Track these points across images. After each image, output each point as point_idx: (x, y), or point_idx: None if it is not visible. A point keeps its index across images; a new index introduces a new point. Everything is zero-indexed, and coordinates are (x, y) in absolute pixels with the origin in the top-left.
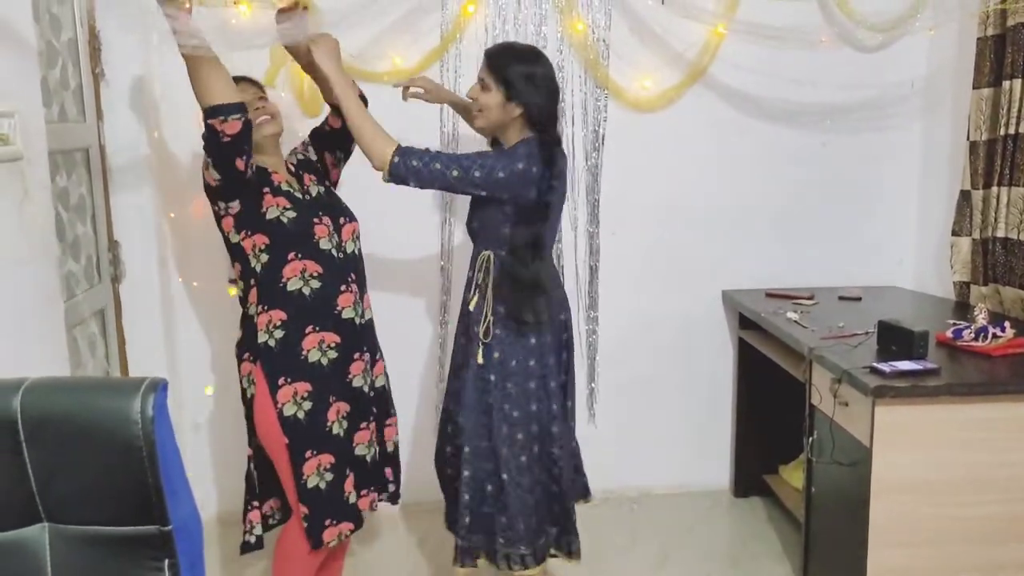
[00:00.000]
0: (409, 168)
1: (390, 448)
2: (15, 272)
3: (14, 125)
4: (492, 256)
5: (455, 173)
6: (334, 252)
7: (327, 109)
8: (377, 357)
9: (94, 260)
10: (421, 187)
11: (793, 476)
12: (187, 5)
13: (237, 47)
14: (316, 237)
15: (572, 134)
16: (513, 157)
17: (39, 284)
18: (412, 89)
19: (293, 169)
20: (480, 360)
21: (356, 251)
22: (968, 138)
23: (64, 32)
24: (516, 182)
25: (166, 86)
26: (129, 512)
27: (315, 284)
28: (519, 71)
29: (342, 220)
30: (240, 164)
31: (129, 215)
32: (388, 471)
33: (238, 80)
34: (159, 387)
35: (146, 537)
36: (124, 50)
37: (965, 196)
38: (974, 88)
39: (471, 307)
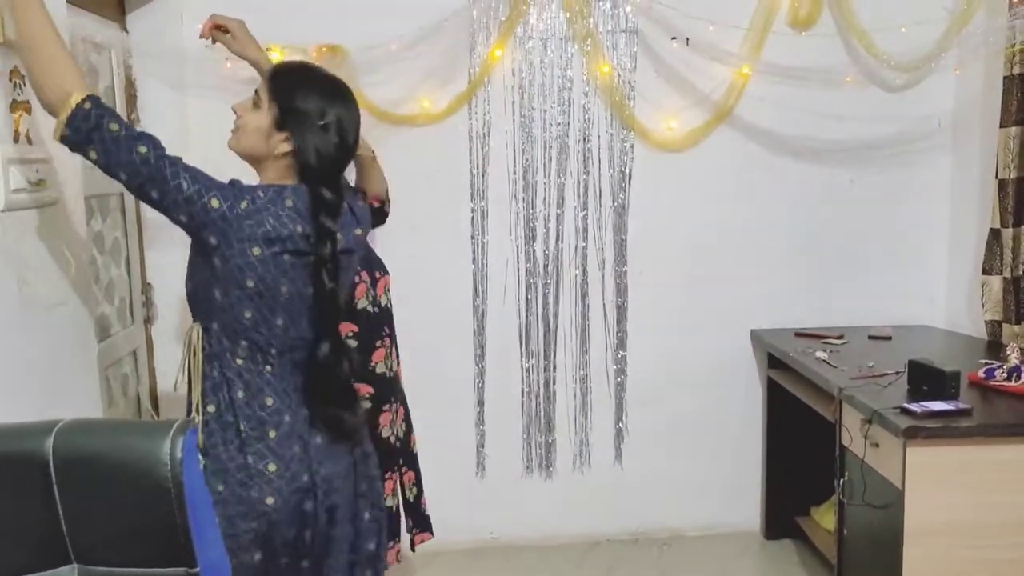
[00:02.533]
0: (103, 129)
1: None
2: (51, 314)
3: (51, 171)
4: (200, 331)
5: (170, 172)
6: (370, 309)
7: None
8: (399, 405)
9: (127, 302)
10: (102, 166)
11: (825, 518)
12: None
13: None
14: (355, 299)
15: (599, 174)
16: (244, 193)
17: (74, 326)
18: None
19: None
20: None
21: (389, 304)
22: (996, 176)
23: (101, 80)
24: (232, 225)
25: (200, 133)
26: (157, 554)
27: (351, 343)
28: (308, 102)
29: (378, 275)
30: None
31: (161, 258)
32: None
33: None
34: (188, 429)
35: None
36: (159, 98)
37: (995, 234)
38: (1001, 126)
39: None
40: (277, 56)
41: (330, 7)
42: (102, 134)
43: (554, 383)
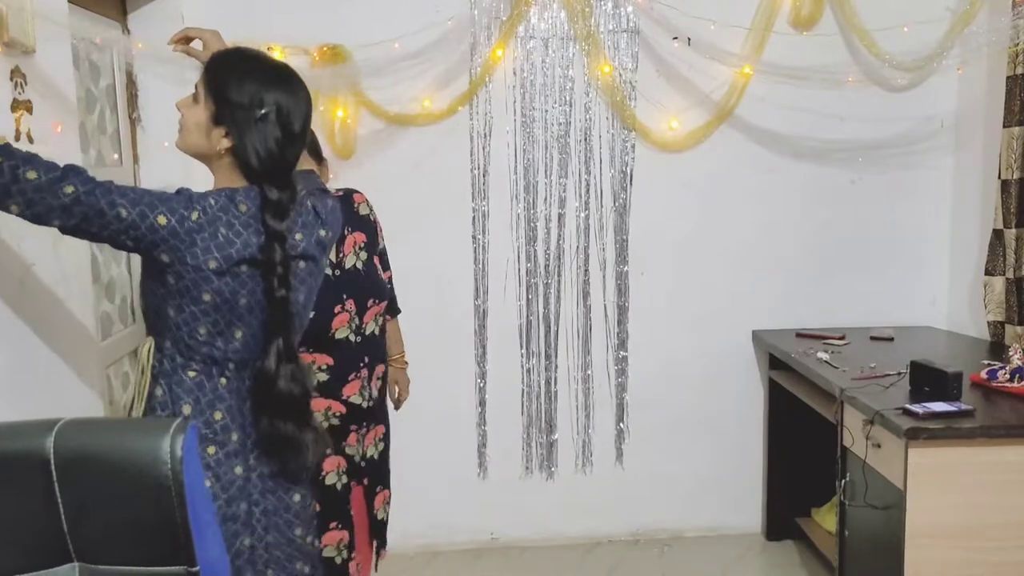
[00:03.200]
0: (20, 181)
1: (380, 516)
2: (52, 313)
3: None
4: (151, 347)
5: (105, 204)
6: (351, 337)
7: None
8: (373, 426)
9: (128, 300)
10: (29, 218)
11: (826, 519)
12: None
13: None
14: (332, 331)
15: (600, 174)
16: (195, 203)
17: (75, 324)
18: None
19: None
20: None
21: (376, 331)
22: (999, 176)
23: (103, 78)
24: (184, 240)
25: None
26: (157, 553)
27: (322, 377)
28: (243, 91)
29: (370, 302)
30: None
31: None
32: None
33: None
34: (188, 428)
35: None
36: (160, 95)
37: (998, 235)
38: (1004, 126)
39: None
40: (277, 55)
41: (331, 7)
42: (21, 186)
43: (555, 383)
